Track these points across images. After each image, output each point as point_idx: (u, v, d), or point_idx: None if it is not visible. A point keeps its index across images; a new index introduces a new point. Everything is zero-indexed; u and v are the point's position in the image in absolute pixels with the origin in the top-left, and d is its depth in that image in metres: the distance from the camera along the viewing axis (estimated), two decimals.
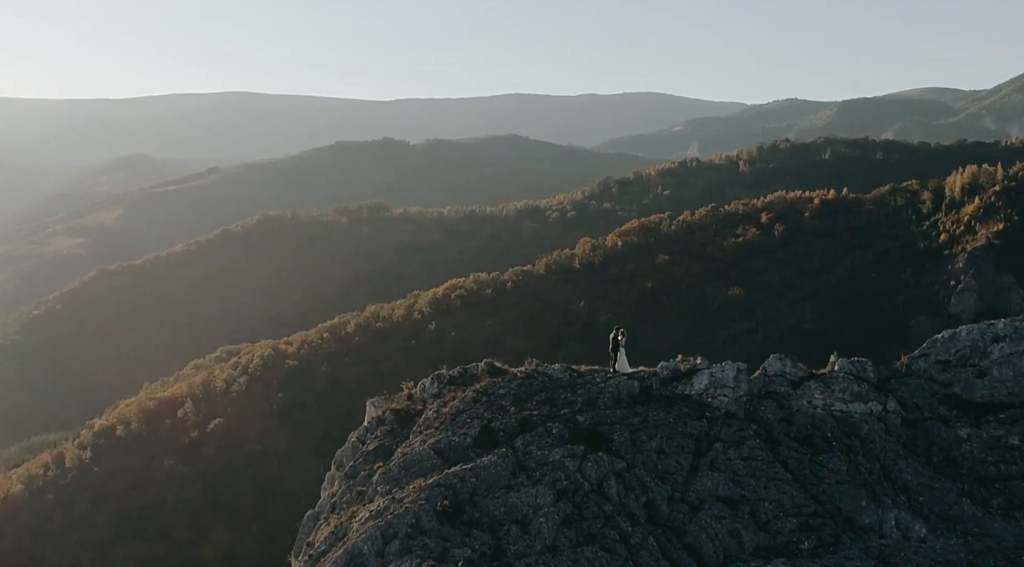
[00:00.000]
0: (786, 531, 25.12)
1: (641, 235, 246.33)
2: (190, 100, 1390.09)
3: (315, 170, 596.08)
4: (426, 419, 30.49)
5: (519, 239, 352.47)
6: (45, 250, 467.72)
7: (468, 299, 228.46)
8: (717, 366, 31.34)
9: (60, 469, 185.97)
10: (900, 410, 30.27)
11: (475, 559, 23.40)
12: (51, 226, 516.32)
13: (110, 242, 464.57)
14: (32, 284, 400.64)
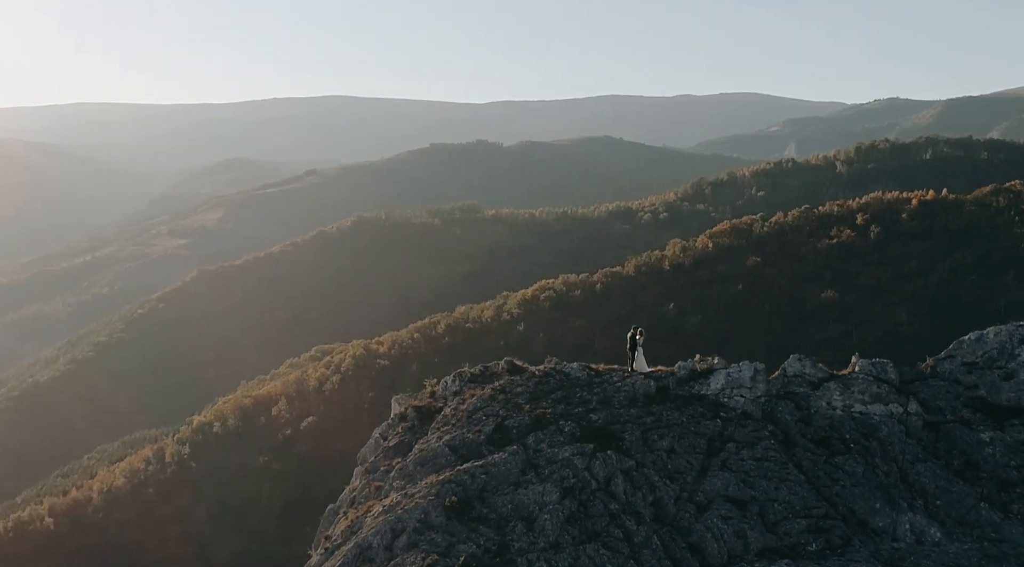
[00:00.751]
0: (794, 532, 24.93)
1: (732, 236, 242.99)
2: (290, 104, 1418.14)
3: (410, 172, 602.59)
4: (444, 416, 30.90)
5: (610, 241, 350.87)
6: (150, 251, 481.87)
7: (557, 300, 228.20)
8: (734, 366, 31.17)
9: (160, 464, 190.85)
10: (922, 412, 29.73)
11: (479, 555, 23.72)
12: (156, 228, 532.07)
13: (211, 243, 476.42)
14: (137, 283, 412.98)
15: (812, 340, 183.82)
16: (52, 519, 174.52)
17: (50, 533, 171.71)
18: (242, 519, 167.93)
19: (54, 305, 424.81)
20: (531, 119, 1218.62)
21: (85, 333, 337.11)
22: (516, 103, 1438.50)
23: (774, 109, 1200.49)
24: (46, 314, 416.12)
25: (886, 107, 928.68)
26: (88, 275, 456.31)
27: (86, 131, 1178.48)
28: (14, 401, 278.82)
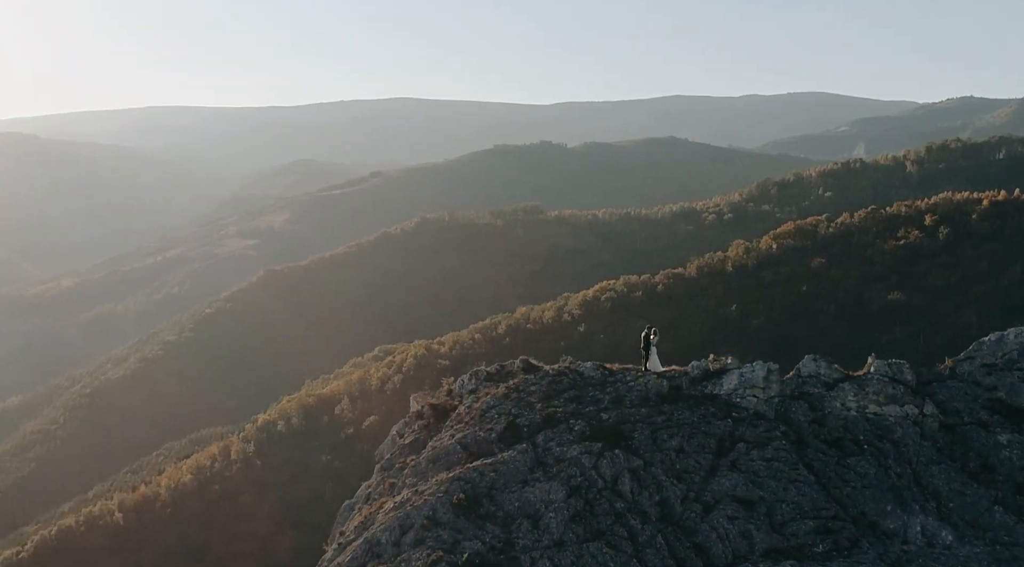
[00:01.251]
0: (801, 533, 24.82)
1: (797, 237, 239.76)
2: (357, 107, 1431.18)
3: (473, 173, 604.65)
4: (458, 414, 31.21)
5: (674, 242, 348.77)
6: (219, 251, 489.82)
7: (618, 301, 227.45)
8: (747, 366, 30.96)
9: (226, 461, 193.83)
10: (938, 414, 29.40)
11: (483, 552, 23.96)
12: (225, 228, 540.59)
13: (278, 244, 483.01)
14: (206, 283, 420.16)
15: (878, 342, 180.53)
16: (122, 514, 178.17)
17: (119, 527, 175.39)
18: (304, 517, 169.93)
19: (126, 305, 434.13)
20: (595, 120, 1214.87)
21: (155, 332, 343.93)
22: (581, 104, 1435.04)
23: (843, 109, 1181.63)
24: (118, 314, 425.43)
25: (959, 106, 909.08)
26: (159, 275, 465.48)
27: (159, 134, 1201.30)
28: (87, 399, 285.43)
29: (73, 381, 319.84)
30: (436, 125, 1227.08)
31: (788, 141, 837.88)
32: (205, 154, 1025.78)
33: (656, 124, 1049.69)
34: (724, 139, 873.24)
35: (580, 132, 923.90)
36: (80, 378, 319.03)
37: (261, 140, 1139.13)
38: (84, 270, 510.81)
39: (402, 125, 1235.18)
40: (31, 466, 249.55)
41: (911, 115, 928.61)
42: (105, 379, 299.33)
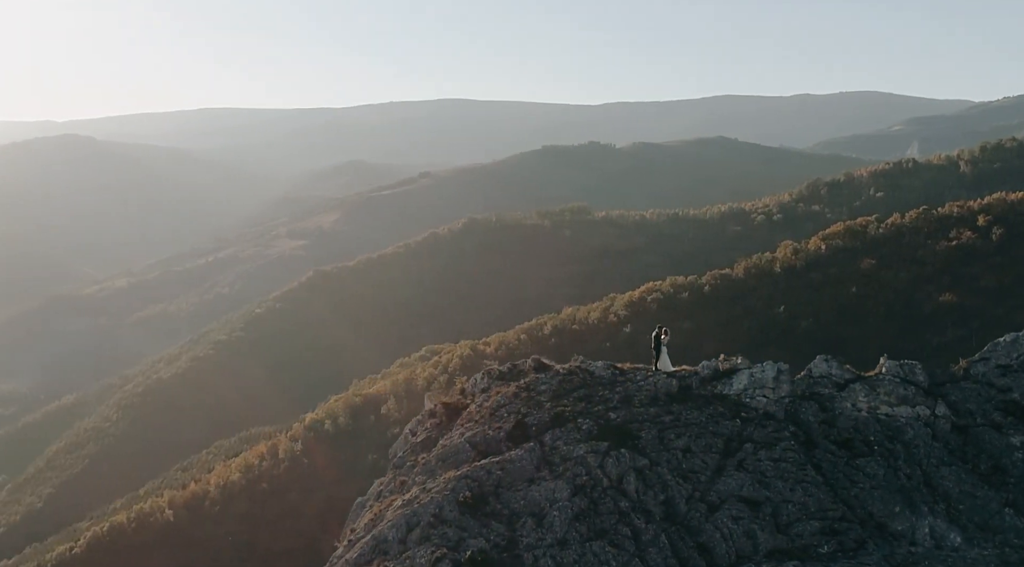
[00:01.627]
0: (806, 534, 24.71)
1: (846, 238, 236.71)
2: (407, 108, 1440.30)
3: (521, 174, 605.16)
4: (469, 413, 31.41)
5: (722, 242, 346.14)
6: (269, 251, 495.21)
7: (664, 302, 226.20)
8: (757, 366, 30.94)
9: (274, 460, 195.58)
10: (950, 415, 29.15)
11: (487, 549, 24.14)
12: (275, 229, 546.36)
13: (327, 244, 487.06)
14: (257, 283, 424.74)
15: (929, 345, 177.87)
16: (171, 511, 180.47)
17: (169, 524, 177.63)
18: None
19: (178, 304, 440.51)
20: (645, 120, 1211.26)
21: (206, 331, 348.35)
22: (630, 104, 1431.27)
23: (897, 108, 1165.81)
24: (170, 313, 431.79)
25: (1016, 105, 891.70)
26: (210, 275, 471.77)
27: (213, 135, 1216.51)
28: (139, 397, 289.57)
29: (126, 380, 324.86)
30: (485, 126, 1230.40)
31: (840, 141, 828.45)
32: (257, 155, 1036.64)
33: (706, 124, 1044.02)
34: (774, 139, 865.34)
35: (629, 132, 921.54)
36: (133, 377, 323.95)
37: (312, 141, 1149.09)
38: (138, 270, 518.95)
39: (451, 126, 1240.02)
40: (84, 463, 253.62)
41: (966, 114, 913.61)
42: (157, 378, 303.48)
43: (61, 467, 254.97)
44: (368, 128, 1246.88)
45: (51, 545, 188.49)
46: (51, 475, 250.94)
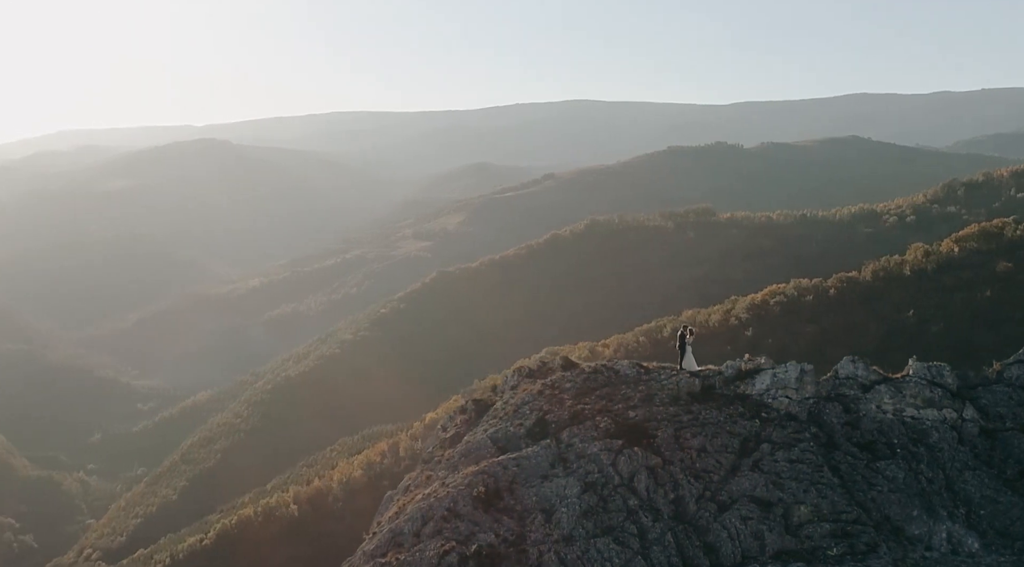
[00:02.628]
0: (816, 536, 24.38)
1: (981, 240, 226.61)
2: (533, 109, 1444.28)
3: (646, 175, 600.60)
4: (495, 410, 31.55)
5: (851, 245, 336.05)
6: (395, 252, 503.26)
7: (787, 305, 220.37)
8: (780, 367, 30.74)
9: (395, 458, 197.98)
10: (978, 419, 28.40)
11: (495, 544, 24.48)
12: (401, 231, 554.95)
13: (452, 245, 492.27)
14: (383, 284, 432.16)
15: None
16: (296, 506, 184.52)
17: (294, 519, 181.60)
18: None
19: (307, 304, 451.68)
20: (774, 120, 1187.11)
21: (333, 331, 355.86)
22: (759, 104, 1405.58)
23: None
24: (300, 312, 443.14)
25: None
26: (338, 276, 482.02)
27: (343, 139, 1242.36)
28: (268, 394, 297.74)
29: (256, 377, 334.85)
30: (610, 127, 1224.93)
31: (981, 140, 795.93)
32: (385, 158, 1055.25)
33: (839, 123, 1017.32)
34: (911, 138, 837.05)
35: (758, 132, 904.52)
36: (263, 374, 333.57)
37: (439, 144, 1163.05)
38: (269, 270, 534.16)
39: (577, 127, 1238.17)
40: (216, 457, 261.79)
41: None
42: (285, 376, 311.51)
43: (195, 461, 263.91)
44: (494, 130, 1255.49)
45: (183, 536, 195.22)
46: (185, 468, 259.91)
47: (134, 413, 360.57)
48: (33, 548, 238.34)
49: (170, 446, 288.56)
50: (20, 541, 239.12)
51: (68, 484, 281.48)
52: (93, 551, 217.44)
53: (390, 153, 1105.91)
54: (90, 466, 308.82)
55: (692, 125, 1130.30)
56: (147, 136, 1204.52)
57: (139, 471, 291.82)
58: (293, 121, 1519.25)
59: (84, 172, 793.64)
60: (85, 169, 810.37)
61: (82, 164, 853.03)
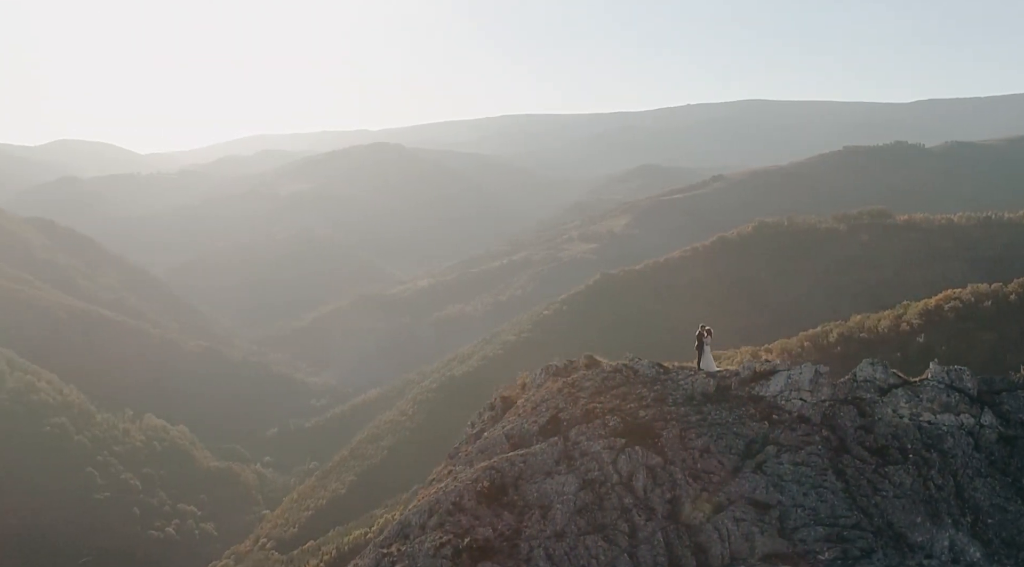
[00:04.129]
0: (809, 540, 24.02)
1: None
2: (705, 110, 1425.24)
3: (819, 176, 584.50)
4: (516, 406, 31.69)
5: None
6: (561, 255, 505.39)
7: (963, 311, 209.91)
8: (795, 369, 30.58)
9: None
10: (997, 425, 27.35)
11: (491, 538, 25.13)
12: (568, 233, 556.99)
13: (617, 247, 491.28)
14: (548, 286, 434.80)
15: None
16: None
17: None
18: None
19: (473, 305, 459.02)
20: (960, 118, 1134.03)
21: (497, 332, 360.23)
22: (944, 101, 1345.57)
23: None
24: (466, 313, 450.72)
25: None
26: (505, 277, 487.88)
27: (513, 141, 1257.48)
28: (433, 393, 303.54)
29: (423, 376, 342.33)
30: (783, 127, 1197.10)
31: None
32: (554, 160, 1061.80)
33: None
34: None
35: (942, 131, 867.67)
36: (429, 373, 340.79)
37: (608, 145, 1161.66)
38: (438, 272, 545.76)
39: (750, 128, 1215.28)
40: (383, 453, 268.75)
41: None
42: (450, 375, 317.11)
43: (363, 456, 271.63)
44: (663, 132, 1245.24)
45: (349, 529, 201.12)
46: (354, 464, 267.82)
47: (308, 409, 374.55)
48: (213, 535, 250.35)
49: (340, 441, 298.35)
50: (201, 528, 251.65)
51: (246, 476, 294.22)
52: (268, 540, 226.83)
53: (560, 155, 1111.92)
54: (266, 459, 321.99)
55: (870, 124, 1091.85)
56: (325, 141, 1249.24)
57: (311, 465, 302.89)
58: (465, 124, 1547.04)
59: (265, 175, 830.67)
60: (266, 173, 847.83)
61: (264, 168, 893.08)
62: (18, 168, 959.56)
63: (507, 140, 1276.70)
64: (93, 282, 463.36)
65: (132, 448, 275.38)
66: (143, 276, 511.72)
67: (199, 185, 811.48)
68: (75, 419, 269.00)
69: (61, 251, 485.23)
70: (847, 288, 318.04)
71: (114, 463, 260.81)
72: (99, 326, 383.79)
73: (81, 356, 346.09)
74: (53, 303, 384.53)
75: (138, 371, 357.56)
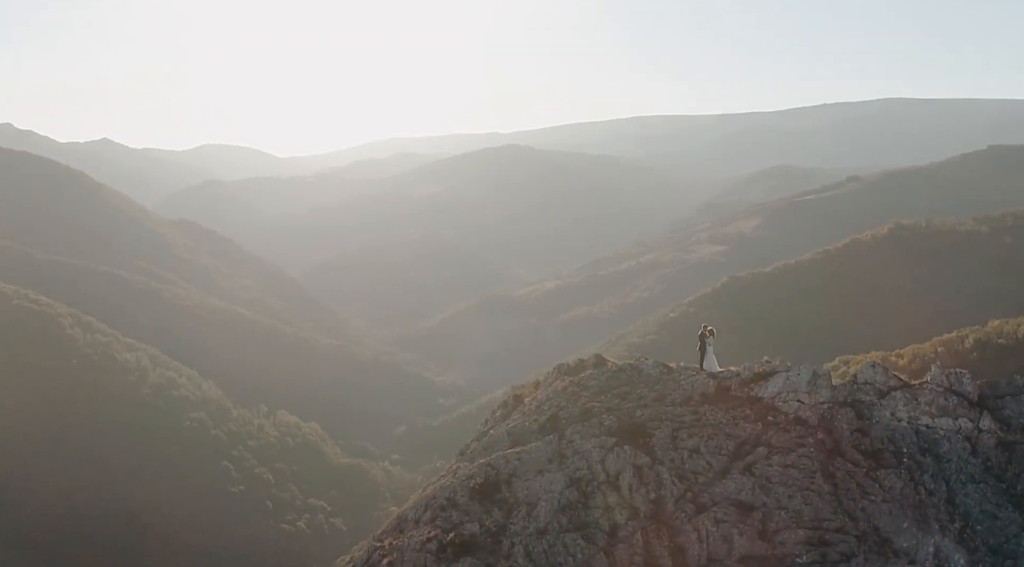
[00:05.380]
0: (789, 543, 23.59)
1: None
2: (839, 109, 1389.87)
3: (960, 177, 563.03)
4: (523, 404, 31.55)
5: None
6: (689, 256, 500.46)
7: None
8: (793, 370, 30.44)
9: None
10: (996, 429, 26.35)
11: (477, 534, 25.58)
12: (696, 235, 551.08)
13: (747, 250, 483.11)
14: (675, 288, 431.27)
15: None
16: None
17: None
18: None
19: (600, 307, 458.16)
20: None
21: (622, 334, 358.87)
22: None
23: None
24: (592, 315, 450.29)
25: None
26: (632, 279, 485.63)
27: (643, 143, 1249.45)
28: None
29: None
30: (926, 126, 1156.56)
31: None
32: (684, 161, 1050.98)
33: None
34: None
35: None
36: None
37: (740, 146, 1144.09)
38: (566, 274, 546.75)
39: (889, 127, 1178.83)
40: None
41: None
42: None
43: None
44: (798, 132, 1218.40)
45: None
46: None
47: (435, 408, 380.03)
48: (342, 531, 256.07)
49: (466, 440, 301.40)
50: (331, 523, 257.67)
51: (374, 472, 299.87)
52: None
53: (691, 157, 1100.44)
54: (394, 456, 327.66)
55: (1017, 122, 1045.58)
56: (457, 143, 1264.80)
57: (437, 463, 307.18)
58: (596, 126, 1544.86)
59: (399, 178, 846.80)
60: (400, 175, 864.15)
61: (397, 170, 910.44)
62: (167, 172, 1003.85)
63: (637, 141, 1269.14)
64: (232, 282, 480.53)
65: (266, 443, 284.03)
66: (279, 276, 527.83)
67: (335, 187, 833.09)
68: (212, 414, 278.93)
69: (203, 252, 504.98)
70: (987, 292, 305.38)
71: (248, 457, 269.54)
72: (237, 325, 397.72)
73: (219, 353, 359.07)
74: (194, 302, 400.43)
75: (272, 368, 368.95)
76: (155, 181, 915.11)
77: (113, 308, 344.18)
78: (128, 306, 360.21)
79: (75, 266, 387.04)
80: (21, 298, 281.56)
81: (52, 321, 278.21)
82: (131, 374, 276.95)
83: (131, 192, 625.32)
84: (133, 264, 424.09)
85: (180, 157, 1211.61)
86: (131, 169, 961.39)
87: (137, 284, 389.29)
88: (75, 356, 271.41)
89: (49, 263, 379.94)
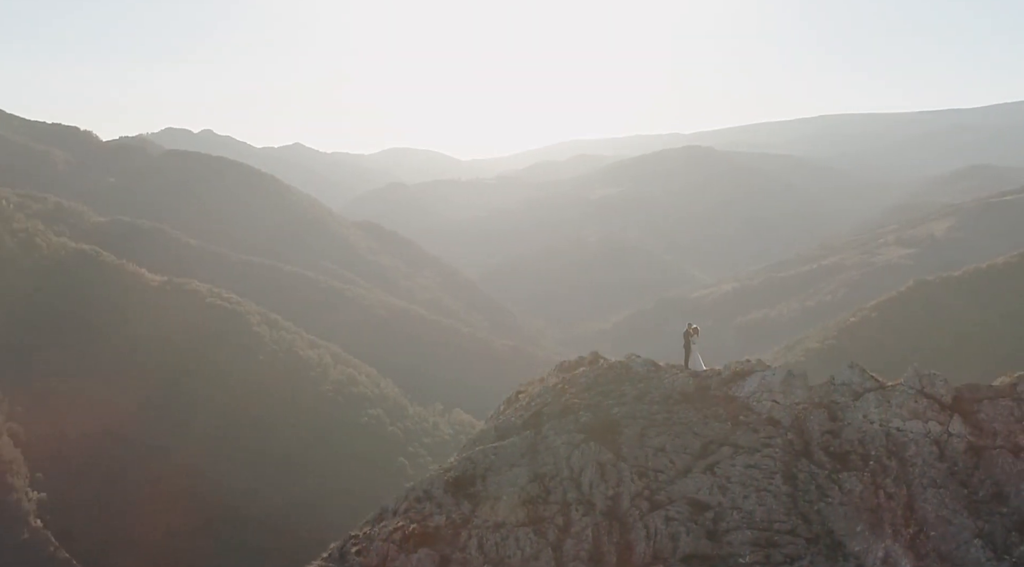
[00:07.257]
0: (736, 543, 23.46)
1: None
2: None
3: None
4: (517, 401, 31.58)
5: None
6: (875, 259, 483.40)
7: None
8: (768, 370, 30.20)
9: None
10: (966, 434, 25.89)
11: (441, 526, 26.92)
12: (884, 236, 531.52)
13: (937, 252, 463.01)
14: (859, 291, 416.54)
15: None
16: None
17: None
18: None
19: (779, 310, 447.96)
20: None
21: (801, 338, 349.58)
22: None
23: None
24: (771, 318, 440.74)
25: None
26: (814, 282, 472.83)
27: (829, 142, 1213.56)
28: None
29: None
30: None
31: None
32: (873, 161, 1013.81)
33: None
34: None
35: None
36: None
37: (934, 145, 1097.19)
38: (744, 276, 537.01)
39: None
40: None
41: None
42: None
43: None
44: (1001, 129, 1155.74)
45: None
46: None
47: None
48: None
49: None
50: None
51: None
52: None
53: (880, 156, 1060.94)
54: None
55: None
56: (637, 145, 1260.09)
57: None
58: (779, 125, 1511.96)
59: (577, 180, 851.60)
60: (578, 177, 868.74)
61: (576, 172, 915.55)
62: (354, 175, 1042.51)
63: (822, 141, 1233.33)
64: (412, 282, 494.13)
65: (440, 441, 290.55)
66: (457, 276, 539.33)
67: (515, 190, 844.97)
68: (390, 411, 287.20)
69: (385, 252, 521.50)
70: None
71: (423, 454, 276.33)
72: (415, 324, 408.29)
73: (397, 352, 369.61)
74: (375, 302, 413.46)
75: (448, 367, 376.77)
76: (342, 184, 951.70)
77: (298, 307, 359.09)
78: (312, 305, 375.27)
79: (264, 265, 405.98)
80: (214, 296, 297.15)
81: (241, 318, 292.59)
82: (313, 370, 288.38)
83: (320, 195, 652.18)
84: (318, 264, 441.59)
85: (366, 161, 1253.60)
86: (321, 173, 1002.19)
87: (321, 284, 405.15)
88: (262, 352, 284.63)
89: (241, 263, 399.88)
